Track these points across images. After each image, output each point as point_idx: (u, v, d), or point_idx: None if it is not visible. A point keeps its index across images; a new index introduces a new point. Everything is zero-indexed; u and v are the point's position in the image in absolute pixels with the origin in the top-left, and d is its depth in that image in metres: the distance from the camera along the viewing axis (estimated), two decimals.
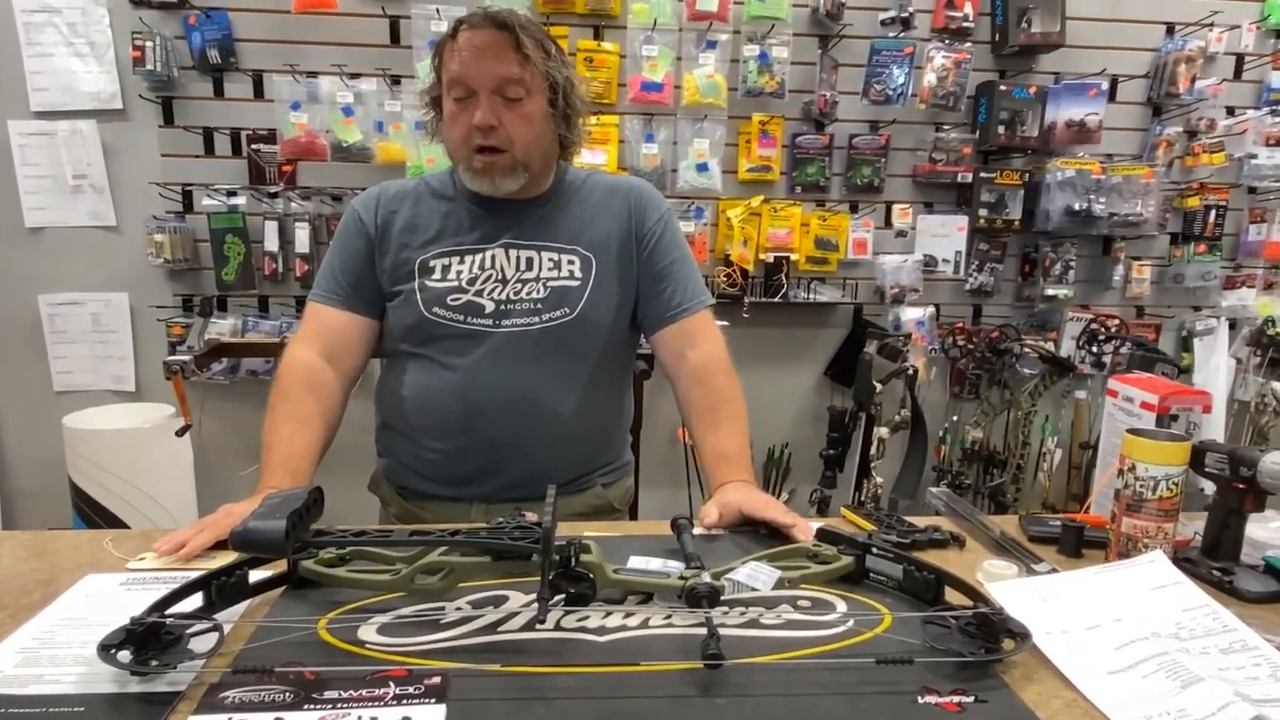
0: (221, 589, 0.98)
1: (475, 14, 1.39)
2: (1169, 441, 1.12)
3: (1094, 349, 3.01)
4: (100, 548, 1.20)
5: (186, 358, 2.43)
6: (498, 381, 1.42)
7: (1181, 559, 1.16)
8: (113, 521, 2.45)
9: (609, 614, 0.98)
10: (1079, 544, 1.24)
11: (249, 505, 1.16)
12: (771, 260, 2.91)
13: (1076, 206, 2.89)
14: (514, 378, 1.42)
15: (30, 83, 2.70)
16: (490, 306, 1.44)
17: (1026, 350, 3.00)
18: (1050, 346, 3.06)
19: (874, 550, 1.09)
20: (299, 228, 2.77)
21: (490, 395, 1.42)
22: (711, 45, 2.77)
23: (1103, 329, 3.02)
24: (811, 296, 2.97)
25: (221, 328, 2.79)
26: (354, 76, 2.72)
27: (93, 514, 2.47)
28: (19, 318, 2.82)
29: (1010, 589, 1.05)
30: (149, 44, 2.62)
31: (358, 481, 1.60)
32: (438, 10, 2.64)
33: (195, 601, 0.96)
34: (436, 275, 1.46)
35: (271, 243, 2.78)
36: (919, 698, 0.83)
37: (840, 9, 2.78)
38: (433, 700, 0.81)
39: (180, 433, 2.49)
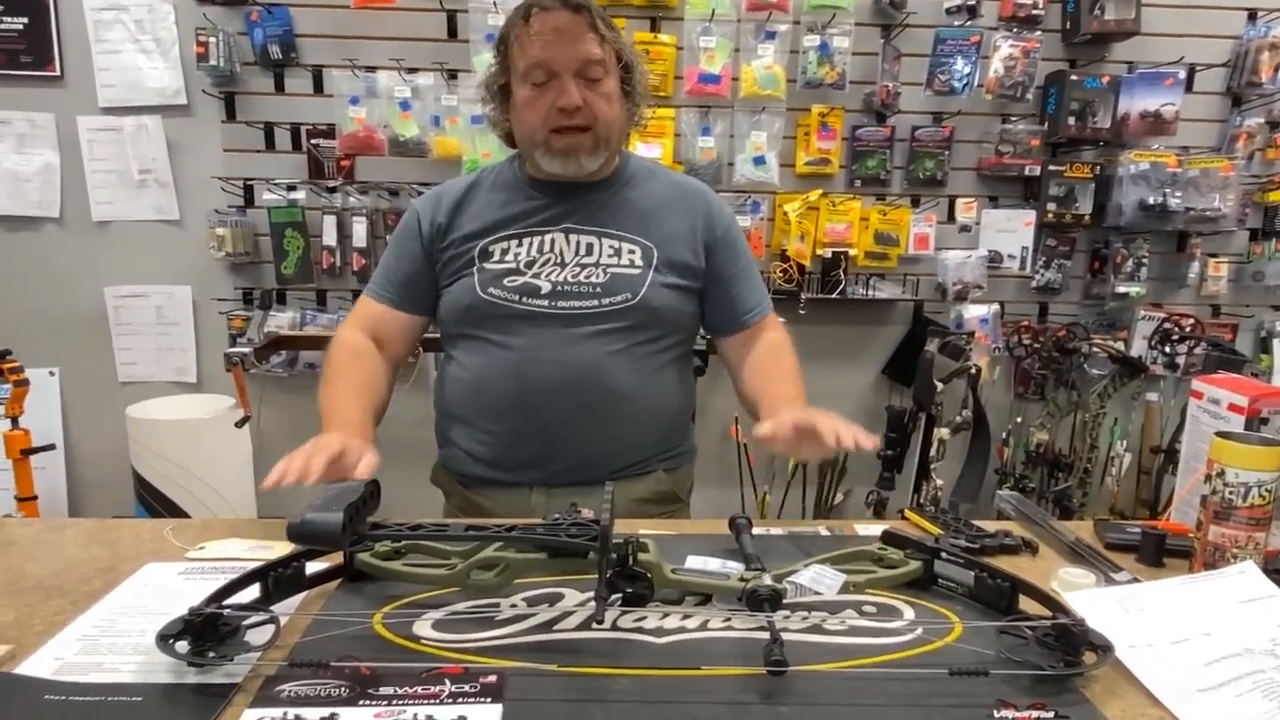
0: (278, 581, 0.98)
1: None
2: (1261, 446, 1.05)
3: (1167, 349, 2.89)
4: (160, 536, 1.21)
5: (246, 350, 2.47)
6: (553, 360, 1.41)
7: (1274, 571, 1.09)
8: (173, 510, 2.50)
9: (666, 615, 0.96)
10: (1160, 552, 1.18)
11: (339, 434, 1.22)
12: (829, 256, 2.85)
13: (1150, 201, 2.78)
14: (570, 357, 1.41)
15: (98, 79, 2.77)
16: (547, 288, 1.43)
17: (1095, 350, 2.90)
18: (1120, 346, 2.95)
19: (943, 555, 1.05)
20: (356, 222, 2.79)
21: (546, 374, 1.41)
22: (770, 36, 2.72)
23: (1176, 328, 2.91)
24: (870, 293, 2.91)
25: (280, 320, 2.83)
26: (411, 71, 2.74)
27: (154, 503, 2.52)
28: (86, 310, 2.90)
29: (1089, 598, 1.00)
30: (212, 40, 2.66)
31: (419, 477, 1.60)
32: (495, 4, 2.63)
33: (252, 593, 0.96)
34: (495, 258, 1.46)
35: (330, 237, 2.81)
36: (995, 711, 0.79)
37: None
38: (489, 699, 0.79)
39: (240, 424, 2.53)
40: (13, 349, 2.48)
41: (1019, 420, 3.00)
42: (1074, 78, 2.77)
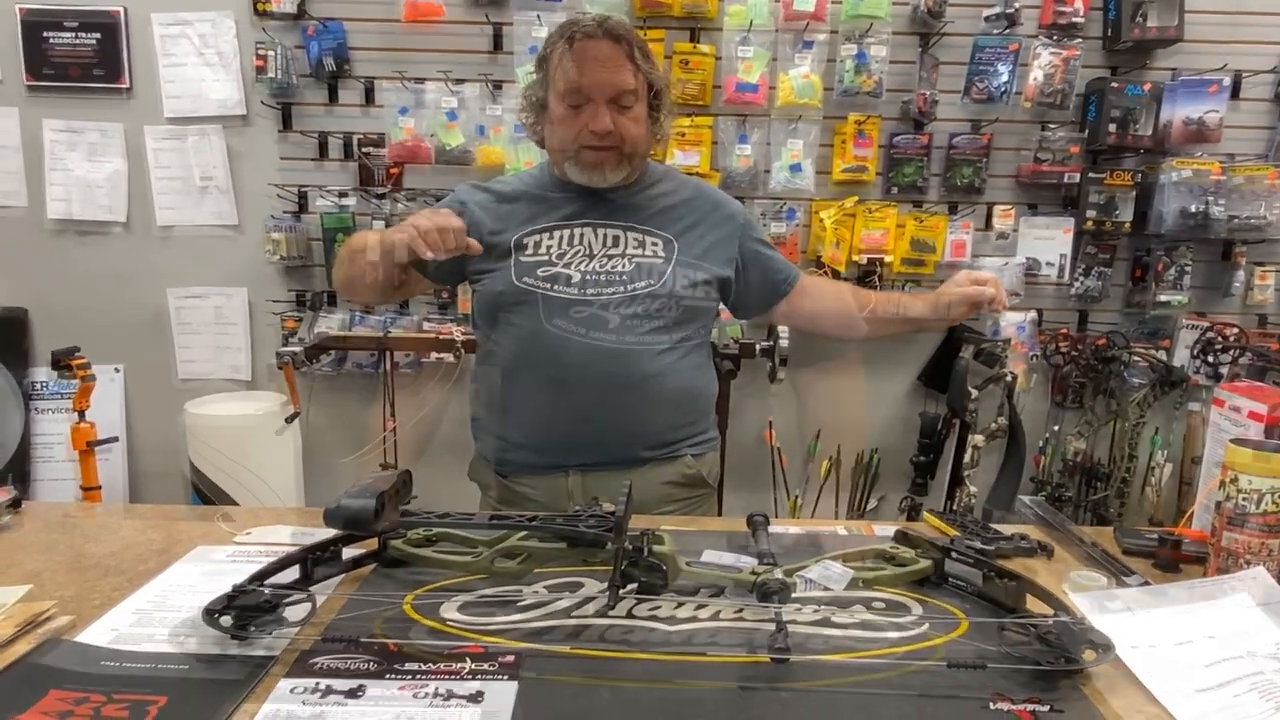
0: (317, 563, 1.04)
1: (588, 22, 1.47)
2: (1275, 453, 1.06)
3: (1210, 359, 2.84)
4: (211, 523, 1.29)
5: (297, 349, 2.57)
6: (585, 343, 1.49)
7: None
8: (226, 502, 2.60)
9: (680, 604, 1.00)
10: (1175, 558, 1.19)
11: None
12: (865, 263, 2.87)
13: (1193, 209, 2.74)
14: (600, 340, 1.49)
15: (164, 91, 2.90)
16: (577, 277, 1.51)
17: (1136, 359, 2.86)
18: (1162, 355, 2.91)
19: (953, 554, 1.08)
20: None
21: (578, 356, 1.48)
22: (808, 45, 2.75)
23: (1220, 338, 2.86)
24: None
25: (330, 322, 2.92)
26: (458, 83, 2.82)
27: (209, 495, 2.63)
28: (150, 310, 3.03)
29: (1097, 600, 1.03)
30: (271, 53, 2.77)
31: (457, 474, 1.66)
32: (538, 17, 2.70)
33: (293, 574, 1.02)
34: (529, 251, 1.54)
35: None
36: (990, 704, 0.81)
37: (942, 6, 2.71)
38: (505, 677, 0.84)
39: (289, 419, 2.63)
40: (81, 347, 2.61)
41: (1056, 429, 2.97)
42: (1115, 85, 2.74)
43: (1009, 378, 2.58)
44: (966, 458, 2.58)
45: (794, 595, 0.97)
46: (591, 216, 1.56)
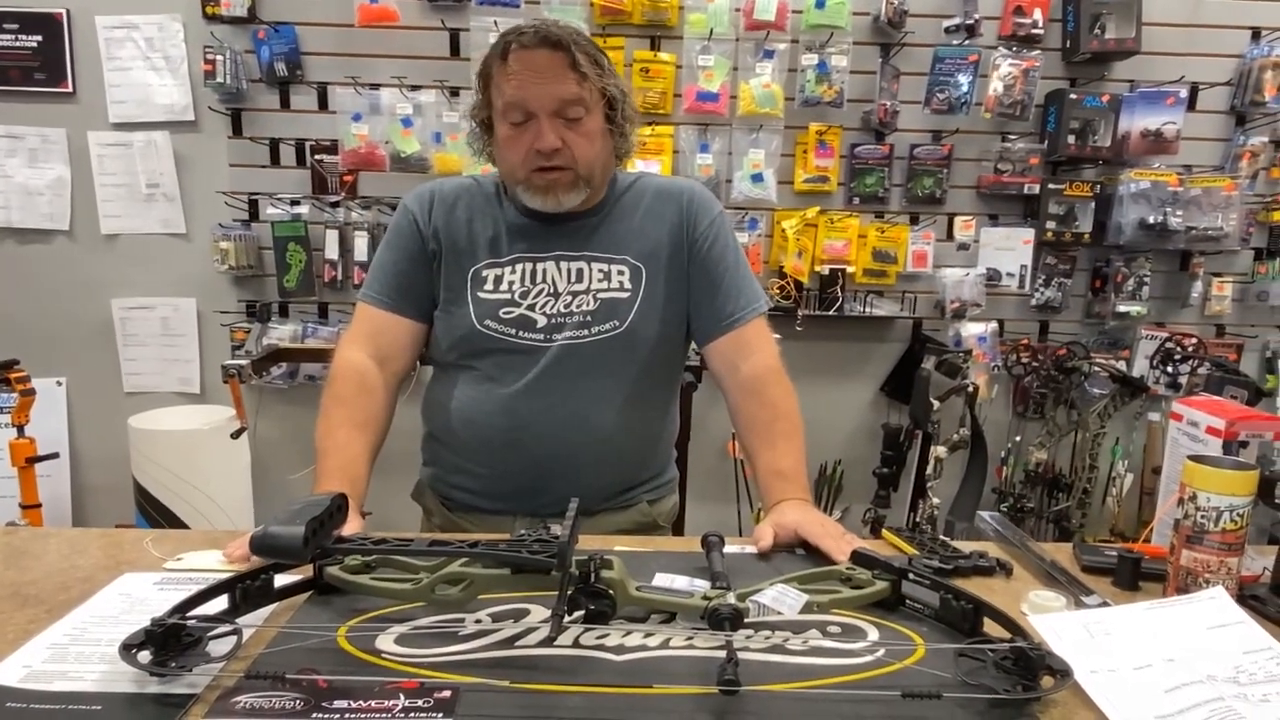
0: (246, 593, 0.99)
1: (524, 32, 1.34)
2: (1233, 470, 1.04)
3: (1169, 369, 2.87)
4: (141, 547, 1.22)
5: (244, 362, 2.50)
6: (546, 400, 1.40)
7: (1248, 596, 1.09)
8: (172, 520, 2.53)
9: (629, 632, 0.96)
10: (1135, 576, 1.17)
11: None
12: (827, 272, 2.86)
13: (1151, 219, 2.77)
14: (562, 396, 1.41)
15: (109, 95, 2.82)
16: (542, 321, 1.42)
17: (1096, 369, 2.88)
18: (1122, 366, 2.93)
19: (910, 576, 1.05)
20: (358, 236, 2.83)
21: (538, 414, 1.41)
22: (769, 55, 2.74)
23: (1179, 348, 2.88)
24: (868, 310, 2.91)
25: (281, 333, 2.86)
26: (414, 88, 2.77)
27: (154, 512, 2.55)
28: (93, 321, 2.94)
29: (1055, 622, 1.00)
30: (220, 58, 2.71)
31: (404, 487, 1.61)
32: (495, 23, 2.66)
33: (220, 604, 0.97)
34: (489, 286, 1.44)
35: (332, 251, 2.84)
36: None
37: (902, 16, 2.72)
38: (440, 714, 0.79)
39: (235, 435, 2.56)
40: (20, 359, 2.52)
41: (1018, 439, 2.98)
42: (1074, 96, 2.77)
43: (970, 388, 2.59)
44: (929, 469, 2.58)
45: (747, 620, 0.93)
46: (556, 249, 1.45)
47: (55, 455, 2.70)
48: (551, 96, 1.33)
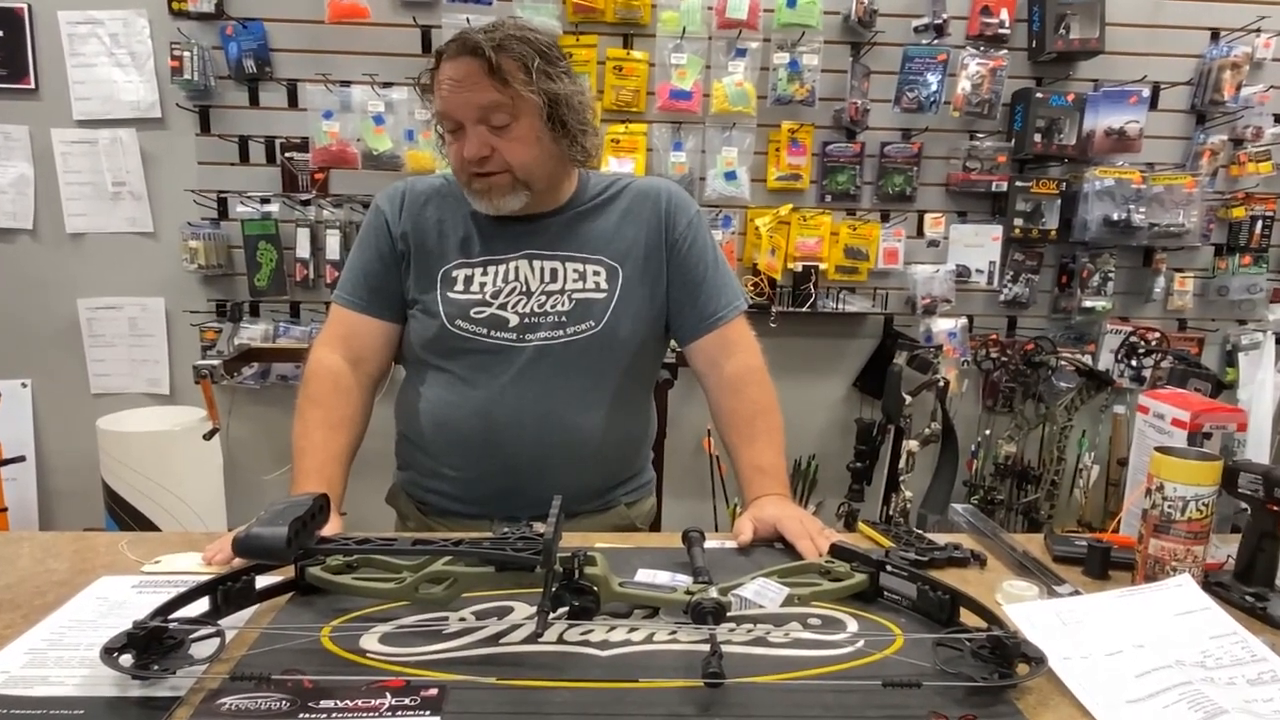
0: (228, 594, 0.98)
1: (454, 40, 1.32)
2: (1199, 460, 1.07)
3: (1133, 363, 2.93)
4: (117, 550, 1.21)
5: (215, 362, 2.47)
6: (521, 401, 1.40)
7: (1213, 583, 1.12)
8: (143, 523, 2.49)
9: (613, 628, 0.97)
10: (1105, 565, 1.20)
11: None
12: (800, 269, 2.88)
13: (1115, 216, 2.83)
14: (537, 397, 1.40)
15: (73, 92, 2.77)
16: (515, 320, 1.41)
17: (1062, 363, 2.93)
18: (1088, 360, 2.99)
19: (888, 568, 1.07)
20: (330, 235, 2.80)
21: (513, 415, 1.40)
22: (741, 53, 2.76)
23: (1143, 342, 2.95)
24: (840, 306, 2.94)
25: (253, 333, 2.83)
26: (385, 85, 2.75)
27: (124, 515, 2.51)
28: (59, 321, 2.89)
29: (1029, 611, 1.02)
30: (187, 54, 2.67)
31: (378, 489, 1.60)
32: (468, 20, 2.65)
33: (202, 606, 0.96)
34: (459, 286, 1.43)
35: (303, 249, 2.81)
36: None
37: (872, 16, 2.75)
38: (427, 712, 0.80)
39: (207, 436, 2.53)
40: None
41: (988, 432, 3.03)
42: (1040, 95, 2.81)
43: (941, 383, 2.62)
44: (901, 463, 2.61)
45: (729, 614, 0.94)
46: (527, 248, 1.44)
47: (21, 458, 2.66)
48: (470, 105, 1.31)
